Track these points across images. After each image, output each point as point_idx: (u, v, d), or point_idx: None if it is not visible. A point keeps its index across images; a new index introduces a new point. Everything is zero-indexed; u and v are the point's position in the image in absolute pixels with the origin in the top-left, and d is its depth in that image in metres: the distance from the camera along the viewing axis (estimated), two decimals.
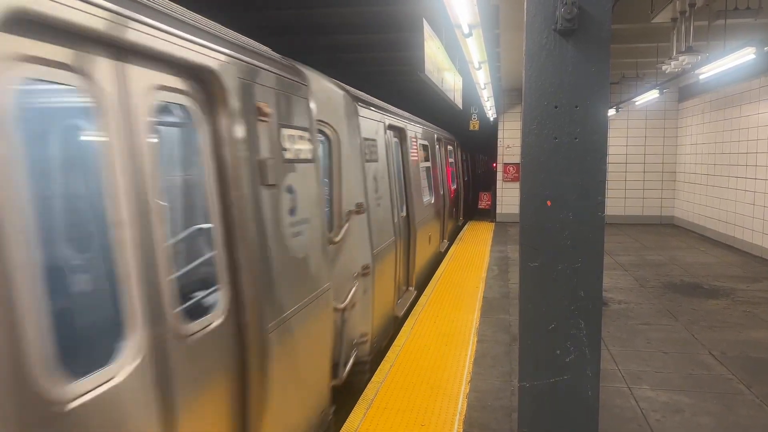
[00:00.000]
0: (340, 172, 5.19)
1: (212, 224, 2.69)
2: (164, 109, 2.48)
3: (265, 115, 3.10)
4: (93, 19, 1.88)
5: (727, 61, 7.42)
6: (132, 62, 2.15)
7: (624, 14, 8.07)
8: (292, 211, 3.44)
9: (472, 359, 5.45)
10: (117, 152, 2.03)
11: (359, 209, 5.30)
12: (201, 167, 2.66)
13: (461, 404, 4.46)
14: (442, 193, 11.55)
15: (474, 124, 17.60)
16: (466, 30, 5.50)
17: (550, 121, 2.49)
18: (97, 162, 2.03)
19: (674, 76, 10.26)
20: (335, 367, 4.43)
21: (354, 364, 4.99)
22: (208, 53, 2.58)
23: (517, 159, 16.40)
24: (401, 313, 6.80)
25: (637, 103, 13.75)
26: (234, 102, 2.76)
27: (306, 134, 3.79)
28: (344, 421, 4.20)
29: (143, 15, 2.13)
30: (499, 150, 16.75)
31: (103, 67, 1.99)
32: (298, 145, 3.64)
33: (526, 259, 2.58)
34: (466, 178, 18.72)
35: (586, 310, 2.55)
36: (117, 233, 2.02)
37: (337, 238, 4.96)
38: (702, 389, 4.81)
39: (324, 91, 4.92)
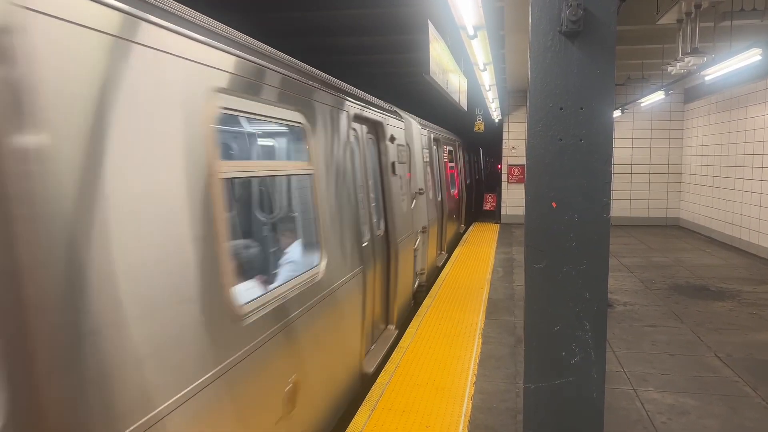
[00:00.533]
0: (411, 169, 8.02)
1: (378, 192, 6.12)
2: (369, 140, 5.87)
3: (393, 140, 6.61)
4: (362, 113, 5.28)
5: (733, 63, 7.40)
6: (362, 123, 5.46)
7: (629, 16, 8.06)
8: (401, 188, 6.87)
9: (477, 361, 5.45)
10: (364, 163, 5.50)
11: (420, 192, 8.40)
12: (376, 166, 6.15)
13: (466, 406, 4.46)
14: (461, 186, 15.17)
15: (479, 126, 17.59)
16: (471, 32, 5.50)
17: (555, 122, 2.49)
18: (358, 166, 5.24)
19: (680, 77, 10.23)
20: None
21: (418, 285, 8.05)
22: (379, 114, 6.03)
23: (521, 160, 16.38)
24: (440, 264, 10.33)
25: (642, 105, 13.71)
26: (385, 135, 6.29)
27: (404, 147, 7.42)
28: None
29: (366, 104, 5.46)
30: (504, 151, 16.73)
31: (357, 127, 5.26)
32: (402, 154, 7.16)
33: (532, 260, 2.57)
34: (477, 177, 22.04)
35: (591, 312, 2.54)
36: (368, 195, 5.55)
37: (411, 207, 7.65)
38: (708, 391, 4.79)
39: (406, 121, 7.86)
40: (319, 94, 4.08)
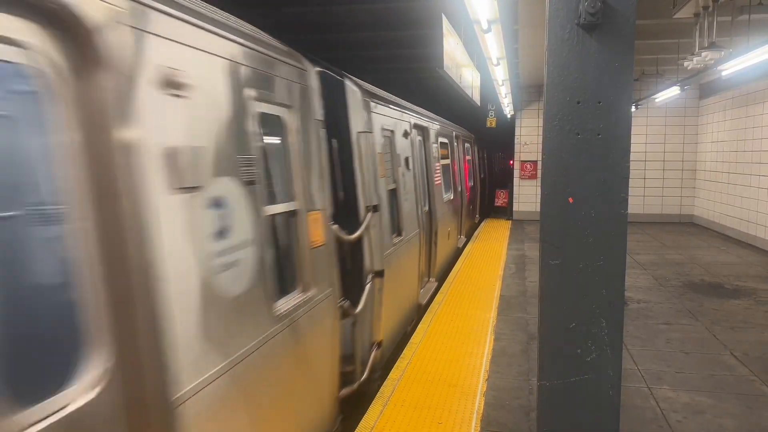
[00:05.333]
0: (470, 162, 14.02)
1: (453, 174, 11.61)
2: (443, 144, 10.31)
3: (463, 143, 13.53)
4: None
5: (751, 58, 7.27)
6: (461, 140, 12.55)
7: (645, 10, 7.95)
8: (469, 173, 14.17)
9: (490, 357, 5.42)
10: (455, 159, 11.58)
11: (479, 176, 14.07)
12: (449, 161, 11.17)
13: (479, 402, 4.44)
14: (488, 172, 20.76)
15: (491, 121, 17.50)
16: (485, 26, 5.46)
17: (572, 116, 2.45)
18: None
19: (696, 72, 10.10)
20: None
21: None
22: (455, 130, 12.54)
23: (534, 156, 16.27)
24: (460, 246, 12.05)
25: (657, 100, 13.56)
26: (459, 141, 12.82)
27: (469, 147, 14.92)
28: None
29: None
30: (516, 147, 16.63)
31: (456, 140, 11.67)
32: (468, 152, 14.64)
33: (547, 256, 2.54)
34: (488, 173, 24.15)
35: (607, 309, 2.51)
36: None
37: (471, 183, 13.94)
38: (724, 390, 4.73)
39: (461, 131, 12.13)
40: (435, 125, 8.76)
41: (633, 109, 12.75)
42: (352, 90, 4.96)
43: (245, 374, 2.72)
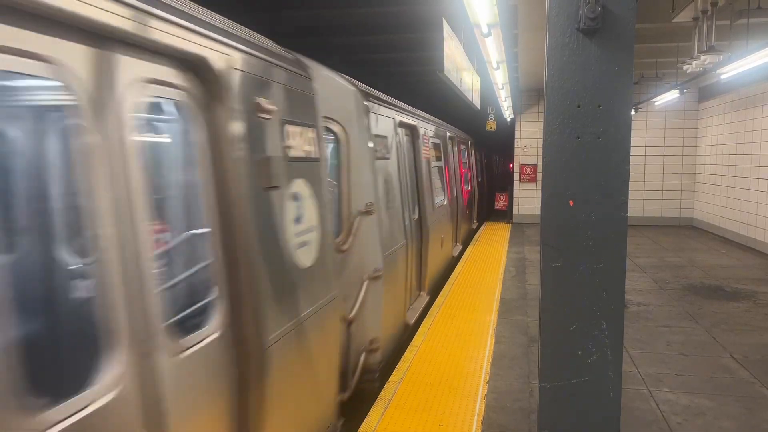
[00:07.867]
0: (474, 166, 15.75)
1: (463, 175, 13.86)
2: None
3: (467, 146, 14.84)
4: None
5: (749, 61, 7.31)
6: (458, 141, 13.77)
7: (644, 13, 7.98)
8: (466, 176, 13.90)
9: (490, 360, 5.43)
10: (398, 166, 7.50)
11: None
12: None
13: (479, 405, 4.45)
14: (487, 176, 21.82)
15: (491, 125, 17.53)
16: (485, 30, 5.48)
17: (572, 120, 2.48)
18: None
19: (695, 76, 10.14)
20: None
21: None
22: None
23: (533, 160, 16.30)
24: (473, 227, 14.54)
25: (656, 104, 13.60)
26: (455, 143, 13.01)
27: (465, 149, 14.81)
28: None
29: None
30: (516, 150, 16.66)
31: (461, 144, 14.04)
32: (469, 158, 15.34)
33: (548, 259, 2.56)
34: (486, 176, 24.91)
35: (608, 311, 2.53)
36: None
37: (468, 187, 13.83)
38: (724, 392, 4.74)
39: (469, 140, 13.98)
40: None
41: (632, 112, 12.84)
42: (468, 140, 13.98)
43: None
